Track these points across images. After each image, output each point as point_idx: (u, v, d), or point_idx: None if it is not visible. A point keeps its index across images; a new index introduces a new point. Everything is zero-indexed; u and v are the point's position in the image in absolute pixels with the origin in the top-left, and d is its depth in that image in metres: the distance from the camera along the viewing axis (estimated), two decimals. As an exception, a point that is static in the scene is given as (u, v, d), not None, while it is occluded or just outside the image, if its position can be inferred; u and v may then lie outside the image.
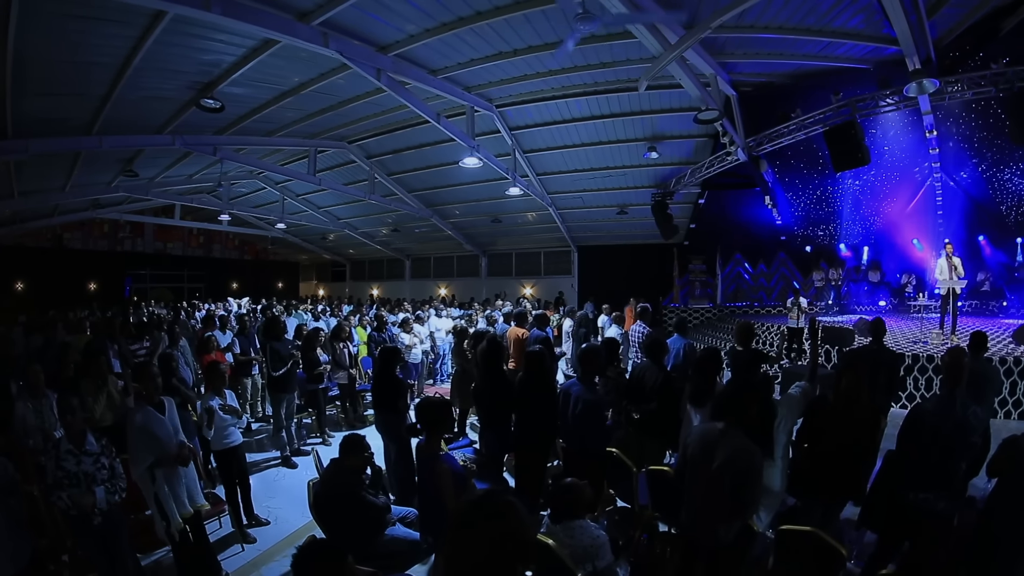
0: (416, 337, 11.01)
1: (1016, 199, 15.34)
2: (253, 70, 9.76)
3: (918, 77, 9.23)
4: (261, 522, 6.08)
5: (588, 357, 4.91)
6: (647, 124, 14.06)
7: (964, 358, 4.02)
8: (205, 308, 17.69)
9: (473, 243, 25.37)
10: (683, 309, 20.25)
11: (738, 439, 3.31)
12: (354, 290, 30.59)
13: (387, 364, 6.36)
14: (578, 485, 3.52)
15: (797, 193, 16.64)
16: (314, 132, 14.60)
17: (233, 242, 31.08)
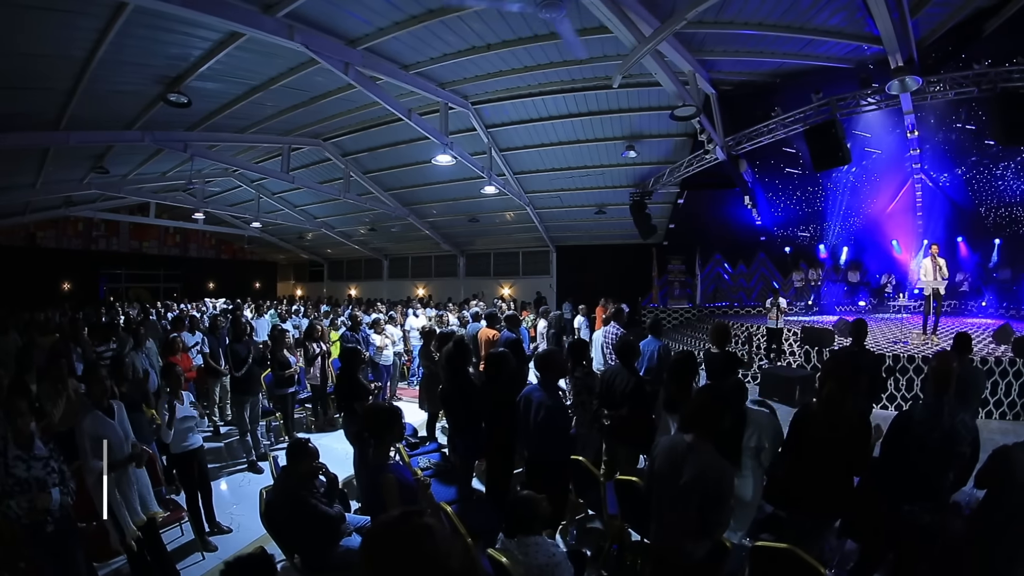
0: (388, 338, 10.75)
1: (995, 201, 15.45)
2: (221, 64, 9.51)
3: (900, 75, 9.15)
4: (223, 529, 5.88)
5: (547, 361, 4.63)
6: (625, 123, 13.94)
7: (953, 363, 3.75)
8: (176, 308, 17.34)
9: (451, 243, 25.20)
10: (662, 309, 20.21)
11: (708, 455, 3.10)
12: (332, 290, 30.26)
13: (348, 366, 6.13)
14: (535, 499, 3.32)
15: (777, 193, 16.60)
16: (288, 129, 14.33)
17: (210, 241, 30.60)
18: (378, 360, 10.42)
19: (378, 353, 10.39)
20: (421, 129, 11.85)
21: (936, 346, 10.72)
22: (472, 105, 13.01)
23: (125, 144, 12.70)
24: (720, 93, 12.42)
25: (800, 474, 3.96)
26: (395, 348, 11.12)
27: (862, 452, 3.74)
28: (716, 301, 20.51)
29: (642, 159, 15.40)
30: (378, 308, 15.81)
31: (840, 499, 3.84)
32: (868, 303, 17.82)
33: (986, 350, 10.14)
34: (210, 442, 8.51)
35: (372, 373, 10.45)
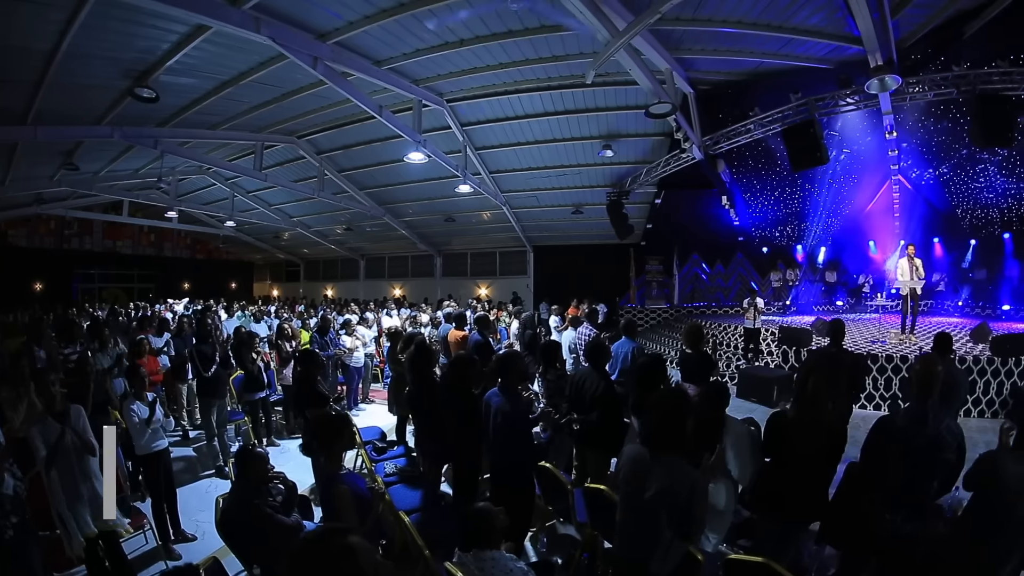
0: (359, 340, 10.54)
1: (971, 203, 15.55)
2: (189, 58, 9.30)
3: (880, 73, 9.11)
4: (187, 537, 5.69)
5: (505, 364, 4.43)
6: (602, 122, 13.85)
7: (938, 367, 3.55)
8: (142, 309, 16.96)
9: (427, 243, 25.03)
10: (640, 309, 20.26)
11: (675, 466, 2.93)
12: (308, 291, 29.99)
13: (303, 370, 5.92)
14: (491, 511, 3.16)
15: (755, 193, 16.57)
16: (261, 126, 14.06)
17: (185, 241, 30.06)
18: (348, 362, 10.22)
19: (348, 355, 10.17)
20: (393, 126, 11.64)
21: (914, 345, 10.82)
22: (447, 103, 12.84)
23: (95, 140, 12.46)
24: (698, 92, 12.34)
25: (774, 480, 3.86)
26: (367, 349, 10.90)
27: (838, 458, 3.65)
28: (694, 301, 20.55)
29: (619, 159, 15.32)
30: (351, 309, 15.58)
31: (814, 505, 3.74)
32: (846, 303, 17.89)
33: (964, 349, 10.27)
34: (179, 447, 8.34)
35: (342, 375, 10.27)
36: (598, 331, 8.66)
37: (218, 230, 24.89)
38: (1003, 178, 14.14)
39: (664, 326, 18.60)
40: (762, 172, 15.78)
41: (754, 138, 12.58)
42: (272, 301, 23.13)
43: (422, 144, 12.17)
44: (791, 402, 3.94)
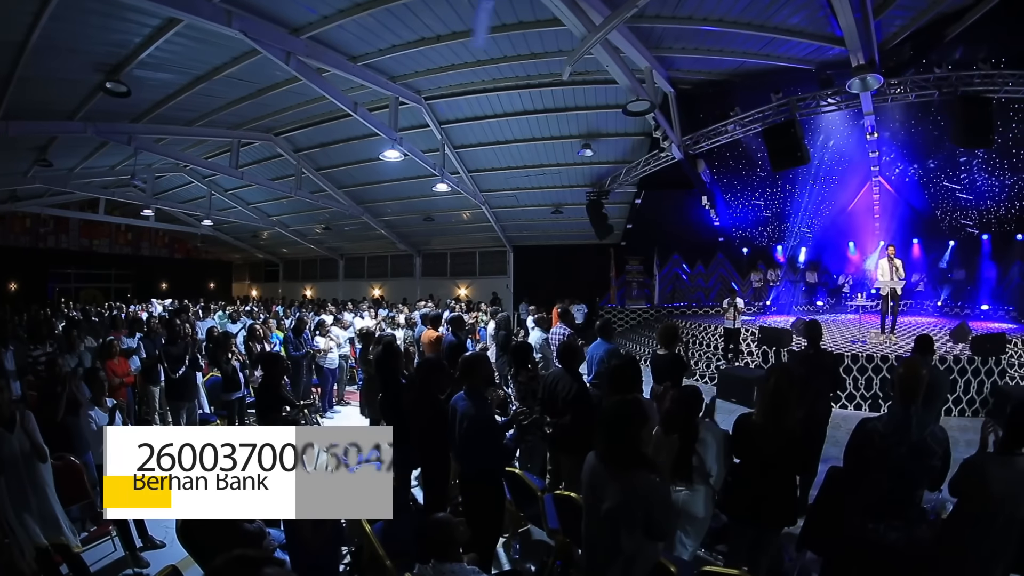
0: (333, 341, 10.38)
1: (950, 204, 15.68)
2: (161, 51, 9.15)
3: (861, 72, 9.09)
4: (156, 544, 5.48)
5: (469, 368, 4.28)
6: (581, 121, 13.80)
7: (923, 371, 3.40)
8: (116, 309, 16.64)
9: (406, 242, 24.85)
10: (620, 309, 20.25)
11: (629, 481, 2.76)
12: (287, 291, 29.70)
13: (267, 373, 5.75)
14: (450, 522, 3.04)
15: (735, 194, 16.60)
16: (237, 123, 13.86)
17: (163, 240, 29.54)
18: (322, 363, 10.06)
19: (322, 356, 10.01)
20: (369, 124, 11.52)
21: (894, 345, 10.88)
22: (425, 100, 12.71)
23: (69, 136, 12.26)
24: (679, 92, 12.30)
25: (740, 484, 3.78)
26: (341, 351, 10.73)
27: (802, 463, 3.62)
28: (674, 301, 20.54)
29: (599, 158, 15.26)
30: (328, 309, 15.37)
31: (782, 510, 3.65)
32: (826, 303, 17.98)
33: (944, 349, 10.35)
34: None
35: (316, 376, 10.10)
36: (572, 331, 8.56)
37: (196, 229, 24.54)
38: (982, 180, 14.26)
39: (644, 326, 18.60)
40: (743, 172, 15.80)
41: (735, 138, 12.57)
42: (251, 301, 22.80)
43: (398, 142, 12.06)
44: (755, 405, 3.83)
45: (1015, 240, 15.52)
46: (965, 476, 3.19)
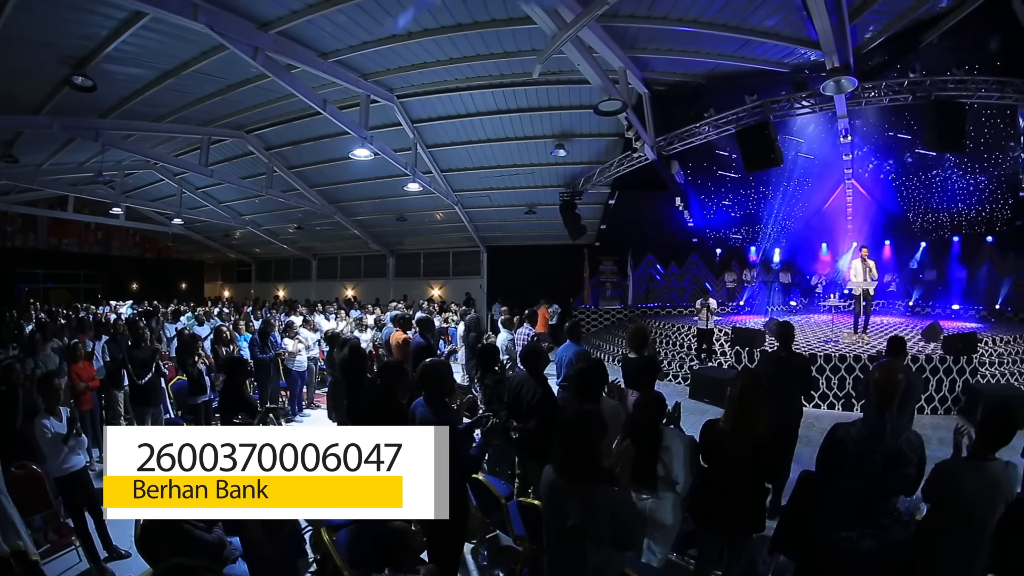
0: (302, 343, 10.20)
1: (922, 207, 15.96)
2: (128, 45, 9.00)
3: (836, 75, 9.17)
4: (120, 554, 5.31)
5: (425, 375, 4.14)
6: (555, 120, 13.78)
7: (899, 375, 3.27)
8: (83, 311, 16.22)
9: (379, 242, 24.65)
10: (594, 310, 20.28)
11: (591, 497, 2.64)
12: (260, 291, 29.22)
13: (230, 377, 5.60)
14: (405, 532, 2.93)
15: (709, 195, 16.70)
16: (207, 119, 13.63)
17: (133, 239, 28.89)
18: (291, 366, 9.90)
19: (290, 358, 9.85)
20: (338, 122, 11.39)
21: (866, 345, 10.97)
22: (397, 98, 12.60)
23: (35, 131, 11.97)
24: (654, 93, 12.31)
25: (711, 492, 3.70)
26: (310, 353, 10.55)
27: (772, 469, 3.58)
28: (648, 302, 20.60)
29: (572, 158, 15.25)
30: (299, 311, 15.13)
31: (753, 517, 3.59)
32: (800, 303, 18.13)
33: (916, 348, 10.45)
34: None
35: (284, 379, 9.92)
36: (537, 333, 8.50)
37: (167, 228, 24.10)
38: (954, 183, 14.51)
39: (618, 326, 18.58)
40: (717, 173, 15.92)
41: (709, 139, 12.61)
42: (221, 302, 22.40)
43: (368, 141, 11.95)
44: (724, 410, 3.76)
45: (985, 242, 15.88)
46: (937, 482, 3.17)
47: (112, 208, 18.90)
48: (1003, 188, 13.91)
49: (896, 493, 3.26)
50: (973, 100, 10.35)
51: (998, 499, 3.01)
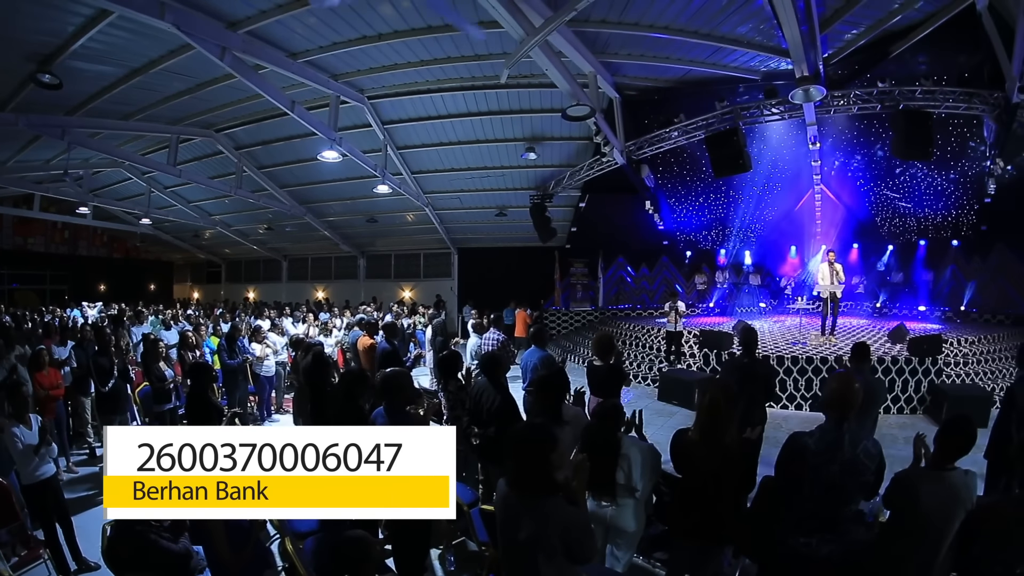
0: (269, 347, 10.04)
1: (889, 211, 16.27)
2: (95, 42, 8.88)
3: (805, 84, 9.27)
4: (90, 566, 5.14)
5: (385, 385, 4.14)
6: (526, 124, 13.81)
7: (855, 385, 3.29)
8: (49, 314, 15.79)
9: (350, 243, 24.45)
10: (564, 312, 20.39)
11: (543, 510, 2.63)
12: (230, 292, 28.87)
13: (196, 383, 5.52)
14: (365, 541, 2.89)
15: (680, 199, 16.78)
16: (176, 118, 13.44)
17: (101, 239, 28.28)
18: (258, 371, 9.74)
19: (258, 363, 9.70)
20: (306, 123, 11.31)
21: (833, 347, 11.14)
22: (368, 99, 12.54)
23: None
24: (625, 98, 12.37)
25: (682, 502, 3.71)
26: (278, 357, 10.39)
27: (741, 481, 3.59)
28: (619, 303, 20.75)
29: (543, 161, 15.30)
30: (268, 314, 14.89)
31: (724, 528, 3.58)
32: (769, 304, 18.34)
33: (882, 350, 10.71)
34: (85, 466, 7.70)
35: (253, 384, 9.76)
36: (505, 338, 8.48)
37: (135, 228, 23.66)
38: (920, 189, 14.81)
39: (588, 328, 18.67)
40: (687, 177, 16.01)
41: (678, 145, 12.74)
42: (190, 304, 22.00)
43: (337, 142, 11.88)
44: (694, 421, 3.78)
45: (951, 246, 16.43)
46: (897, 492, 3.21)
47: (79, 207, 18.60)
48: (969, 194, 14.21)
49: (855, 500, 3.31)
50: (941, 110, 10.55)
51: (958, 508, 3.06)
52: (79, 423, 8.23)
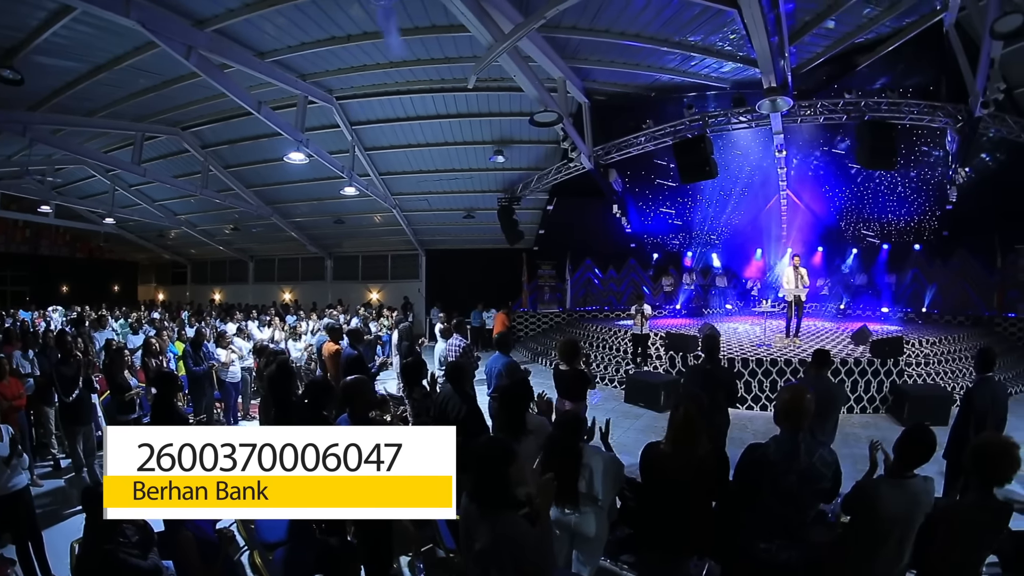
0: (235, 353, 9.77)
1: (853, 216, 16.71)
2: (59, 37, 8.75)
3: (772, 95, 9.43)
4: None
5: (347, 393, 4.14)
6: (495, 127, 13.86)
7: (807, 396, 3.35)
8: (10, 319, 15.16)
9: (317, 244, 24.14)
10: (532, 314, 20.39)
11: (499, 525, 2.66)
12: (195, 294, 28.22)
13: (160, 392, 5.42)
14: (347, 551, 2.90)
15: (648, 202, 16.95)
16: (142, 115, 13.20)
17: (64, 238, 27.26)
18: (224, 377, 9.46)
19: (223, 369, 9.42)
20: (272, 124, 11.22)
21: (798, 348, 11.39)
22: (336, 100, 12.48)
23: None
24: (594, 103, 12.48)
25: (649, 514, 3.78)
26: (244, 363, 10.07)
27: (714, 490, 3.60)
28: (586, 305, 20.83)
29: (511, 164, 15.35)
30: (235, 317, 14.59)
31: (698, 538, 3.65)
32: (735, 306, 18.64)
33: (845, 351, 10.92)
34: (50, 479, 7.43)
35: (218, 391, 9.54)
36: (469, 343, 8.47)
37: (99, 227, 22.97)
38: (884, 195, 15.31)
39: (556, 330, 18.75)
40: (655, 181, 16.22)
41: (646, 150, 12.89)
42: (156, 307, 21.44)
43: (304, 143, 11.80)
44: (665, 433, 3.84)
45: (913, 250, 16.87)
46: (857, 499, 3.28)
47: (41, 205, 18.13)
48: (931, 201, 14.69)
49: (813, 507, 3.39)
50: (905, 121, 10.91)
51: (918, 513, 3.15)
52: (43, 433, 7.93)
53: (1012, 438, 3.18)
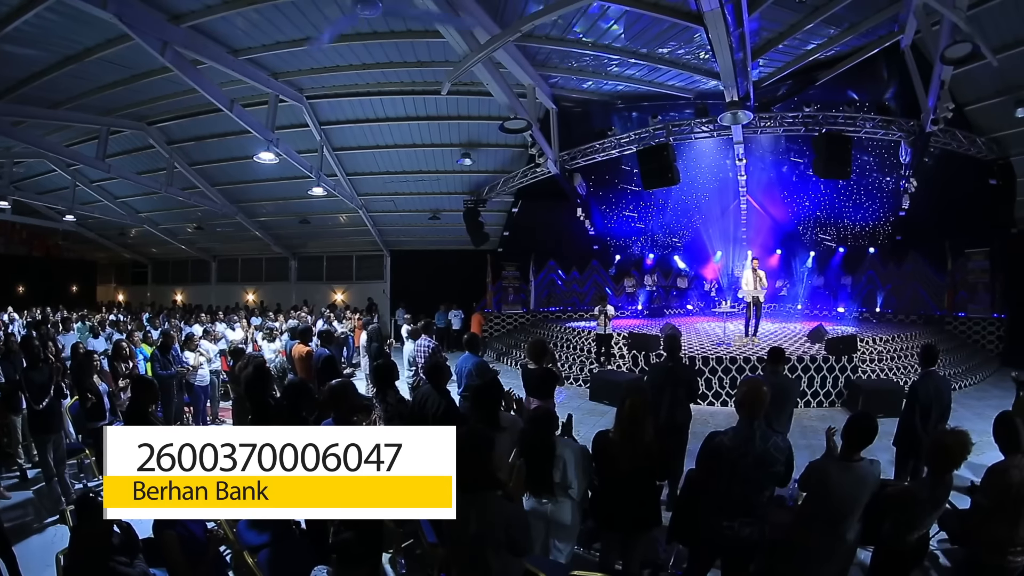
0: (203, 355, 9.59)
1: (811, 221, 17.40)
2: (29, 26, 8.57)
3: (734, 108, 9.82)
4: None
5: (332, 397, 4.24)
6: (463, 130, 13.99)
7: (763, 389, 3.71)
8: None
9: (281, 244, 23.80)
10: (496, 314, 20.57)
11: (487, 506, 2.90)
12: (156, 294, 27.43)
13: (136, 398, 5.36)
14: None
15: (611, 205, 17.28)
16: (108, 108, 12.93)
17: (20, 235, 25.97)
18: (193, 381, 9.27)
19: (191, 372, 9.22)
20: (243, 122, 11.19)
21: (756, 347, 11.82)
22: (307, 99, 12.48)
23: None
24: (561, 109, 12.73)
25: (605, 497, 4.07)
26: (212, 365, 9.88)
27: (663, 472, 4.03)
28: (550, 306, 21.08)
29: (478, 167, 15.50)
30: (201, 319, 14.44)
31: (643, 519, 3.96)
32: (696, 307, 19.16)
33: (802, 349, 11.47)
34: (17, 490, 7.15)
35: (187, 395, 9.40)
36: (437, 344, 8.57)
37: (58, 224, 22.24)
38: (840, 201, 16.01)
39: (520, 330, 19.06)
40: (619, 185, 16.60)
41: (610, 156, 13.22)
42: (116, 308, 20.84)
43: (274, 143, 11.79)
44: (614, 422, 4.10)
45: (867, 253, 17.71)
46: (810, 477, 3.70)
47: (-3, 202, 17.53)
48: (886, 208, 15.35)
49: (768, 488, 3.71)
50: (861, 134, 11.46)
51: (864, 492, 3.53)
52: (8, 443, 7.63)
53: (967, 433, 3.54)
